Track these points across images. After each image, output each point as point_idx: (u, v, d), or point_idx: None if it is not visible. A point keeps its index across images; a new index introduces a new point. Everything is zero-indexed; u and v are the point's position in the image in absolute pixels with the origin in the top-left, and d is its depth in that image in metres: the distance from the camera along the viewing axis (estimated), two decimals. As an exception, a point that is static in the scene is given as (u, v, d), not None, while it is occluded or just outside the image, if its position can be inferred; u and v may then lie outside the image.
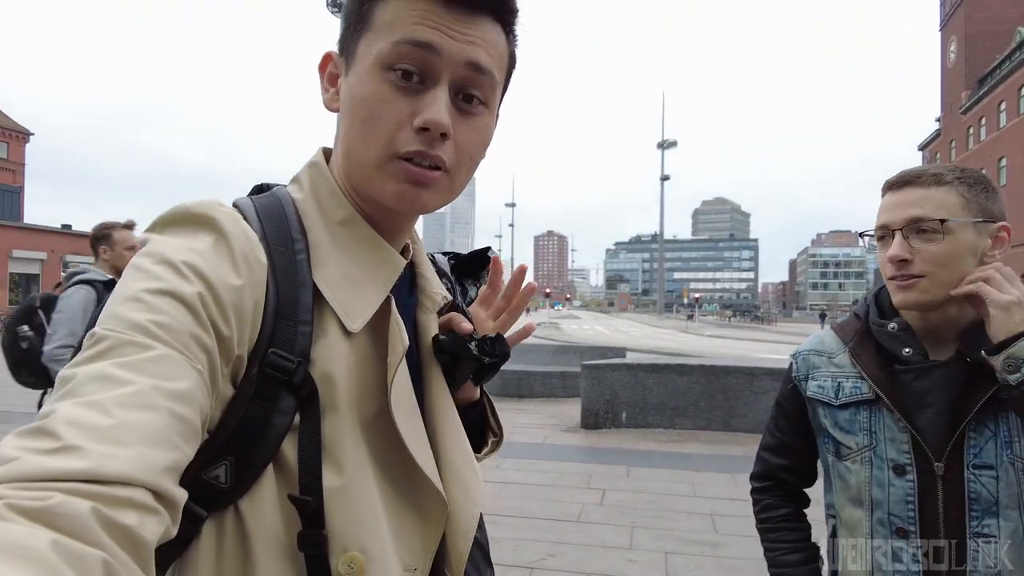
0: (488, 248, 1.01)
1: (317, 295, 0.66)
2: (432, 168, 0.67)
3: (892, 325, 1.20)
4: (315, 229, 0.70)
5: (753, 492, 1.43)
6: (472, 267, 1.00)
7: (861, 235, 1.27)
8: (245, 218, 0.66)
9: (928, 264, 1.11)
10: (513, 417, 8.17)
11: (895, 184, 1.17)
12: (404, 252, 0.80)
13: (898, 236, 1.13)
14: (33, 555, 0.36)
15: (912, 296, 1.13)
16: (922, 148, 54.40)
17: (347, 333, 0.67)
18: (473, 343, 0.78)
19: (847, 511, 1.22)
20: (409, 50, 0.64)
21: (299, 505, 0.60)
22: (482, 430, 0.92)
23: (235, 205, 0.69)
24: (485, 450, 0.90)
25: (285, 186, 0.76)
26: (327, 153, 0.77)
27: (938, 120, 51.02)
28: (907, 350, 1.17)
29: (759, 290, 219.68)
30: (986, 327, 1.07)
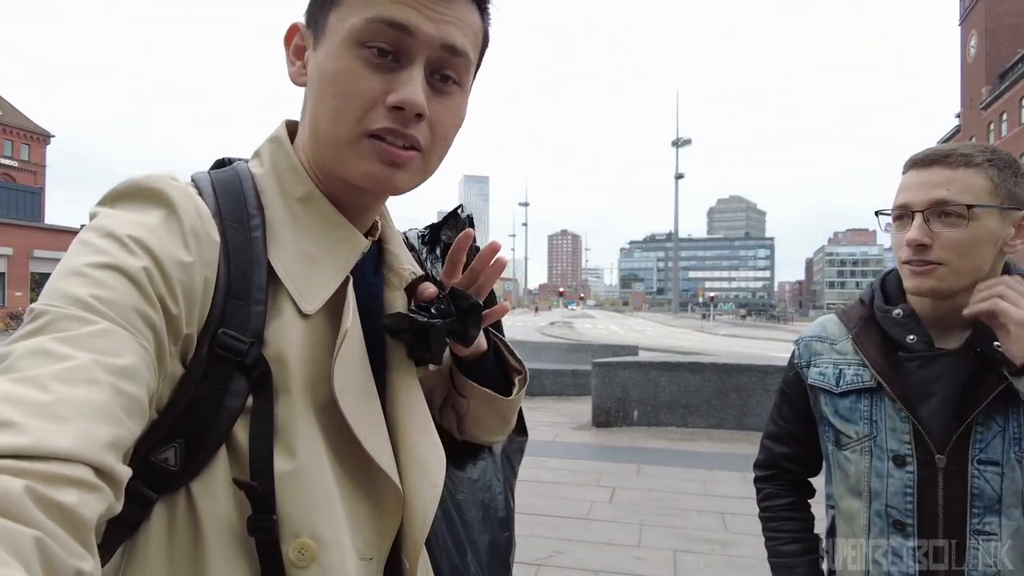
0: (459, 208, 0.95)
1: (272, 274, 0.64)
2: (407, 148, 0.65)
3: (897, 311, 1.15)
4: (273, 205, 0.67)
5: (756, 481, 1.39)
6: (440, 228, 0.95)
7: (877, 214, 1.20)
8: (200, 193, 0.65)
9: (948, 251, 1.05)
10: (524, 415, 8.14)
11: (920, 162, 1.09)
12: (372, 231, 0.77)
13: (918, 219, 1.06)
14: None
15: (928, 283, 1.07)
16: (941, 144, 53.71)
17: (303, 314, 0.65)
18: (421, 312, 0.73)
19: (845, 501, 1.19)
20: (384, 29, 0.62)
21: (245, 489, 0.59)
22: (505, 374, 0.88)
23: (192, 180, 0.67)
24: (515, 390, 0.87)
25: (247, 161, 0.73)
26: (291, 127, 0.74)
27: (958, 116, 50.29)
28: (911, 337, 1.12)
29: (775, 289, 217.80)
30: (1003, 344, 1.01)
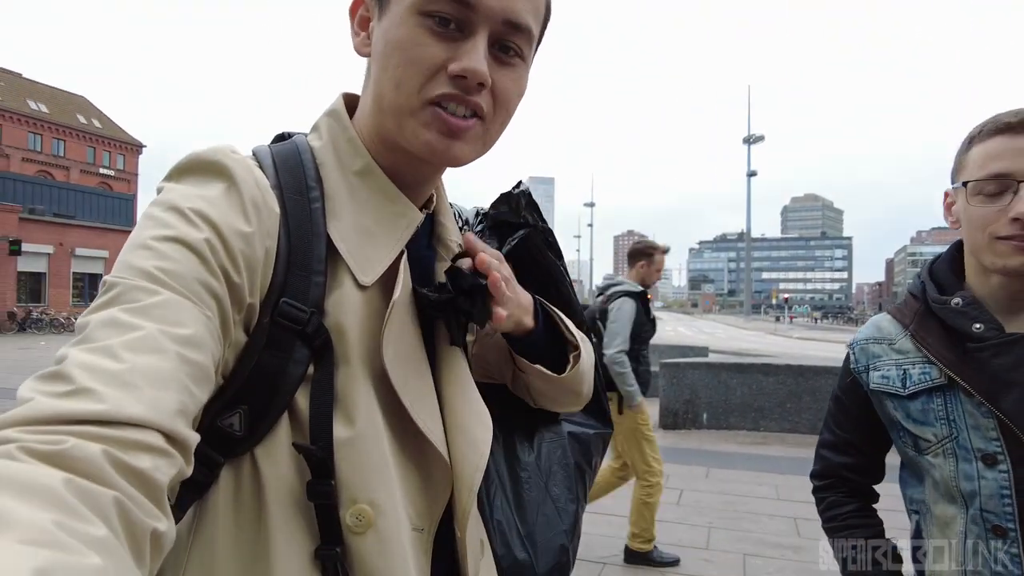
0: (517, 185, 0.93)
1: (331, 246, 0.65)
2: (467, 117, 0.65)
3: (956, 300, 1.08)
4: (331, 178, 0.69)
5: (815, 491, 1.31)
6: (497, 204, 0.92)
7: (955, 187, 1.10)
8: (260, 165, 0.66)
9: None
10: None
11: (1018, 126, 1.00)
12: (427, 204, 0.78)
13: None
14: (47, 492, 0.37)
15: None
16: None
17: (360, 286, 0.66)
18: (429, 289, 0.72)
19: (939, 507, 1.11)
20: (448, 3, 0.62)
21: (305, 454, 0.60)
22: (563, 349, 0.87)
23: (253, 153, 0.69)
24: (568, 367, 0.84)
25: (305, 135, 0.74)
26: (349, 100, 0.75)
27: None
28: (978, 326, 1.04)
29: (853, 291, 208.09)
30: None
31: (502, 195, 0.92)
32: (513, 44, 0.66)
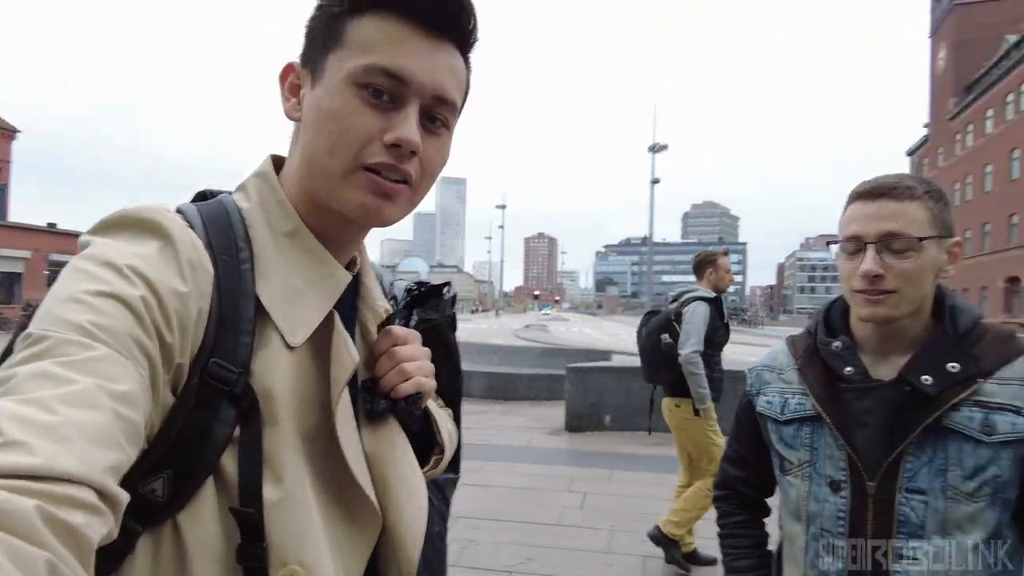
0: (446, 286, 0.98)
1: (259, 307, 0.66)
2: (398, 182, 0.69)
3: (836, 344, 1.20)
4: (260, 239, 0.70)
5: (714, 500, 1.46)
6: (427, 297, 0.97)
7: (829, 244, 1.26)
8: (190, 225, 0.66)
9: (900, 280, 1.10)
10: (498, 420, 8.14)
11: (867, 195, 1.15)
12: (351, 265, 0.80)
13: (871, 251, 1.11)
14: None
15: (882, 311, 1.12)
16: (910, 153, 54.92)
17: (288, 347, 0.67)
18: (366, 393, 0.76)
19: (788, 524, 1.25)
20: (382, 77, 0.66)
21: (240, 518, 0.60)
22: (430, 445, 0.88)
23: (179, 211, 0.68)
24: (428, 466, 0.85)
25: (231, 193, 0.75)
26: (276, 162, 0.77)
27: (926, 126, 51.49)
28: (849, 369, 1.17)
29: (747, 293, 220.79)
30: None
31: (433, 296, 0.96)
32: (440, 116, 0.71)
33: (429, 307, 0.95)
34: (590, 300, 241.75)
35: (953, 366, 1.08)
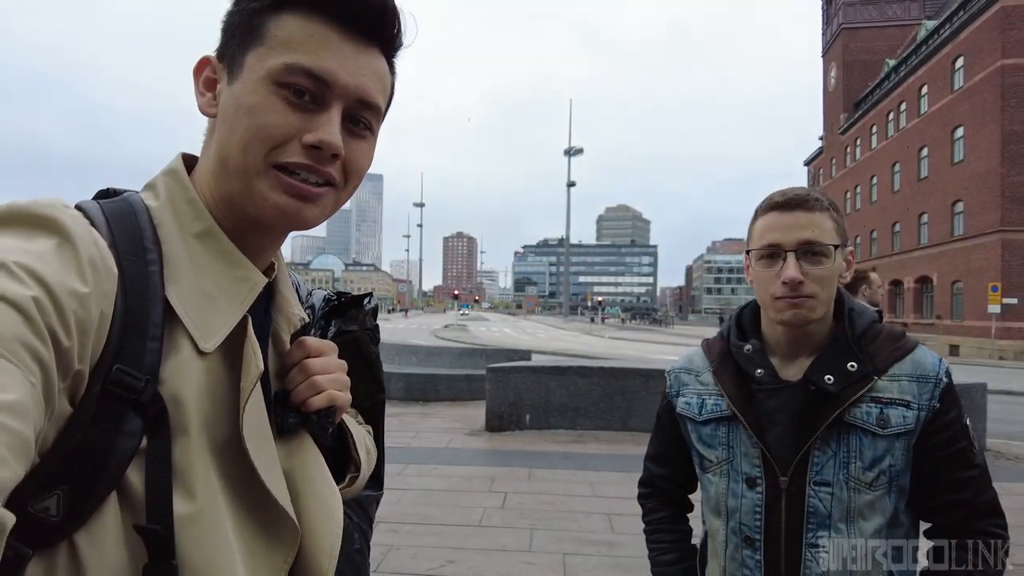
0: (367, 296, 0.97)
1: (169, 311, 0.62)
2: (320, 184, 0.67)
3: (748, 347, 1.28)
4: (170, 240, 0.65)
5: (639, 498, 1.51)
6: (347, 307, 0.94)
7: (748, 252, 1.31)
8: (92, 223, 0.61)
9: (817, 285, 1.18)
10: (417, 422, 8.07)
11: (783, 205, 1.21)
12: (268, 270, 0.76)
13: (791, 258, 1.18)
14: None
15: (803, 313, 1.19)
16: (807, 163, 58.47)
17: (200, 352, 0.63)
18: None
19: (709, 520, 1.32)
20: (304, 77, 0.65)
21: (148, 535, 0.56)
22: (346, 462, 0.86)
23: (79, 208, 0.63)
24: (342, 485, 0.82)
25: (137, 192, 0.70)
26: (187, 160, 0.73)
27: (821, 139, 55.04)
28: (759, 371, 1.25)
29: (658, 294, 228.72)
30: None
31: (353, 308, 0.94)
32: (364, 119, 0.70)
33: (348, 318, 0.93)
34: (509, 300, 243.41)
35: (852, 365, 1.18)
